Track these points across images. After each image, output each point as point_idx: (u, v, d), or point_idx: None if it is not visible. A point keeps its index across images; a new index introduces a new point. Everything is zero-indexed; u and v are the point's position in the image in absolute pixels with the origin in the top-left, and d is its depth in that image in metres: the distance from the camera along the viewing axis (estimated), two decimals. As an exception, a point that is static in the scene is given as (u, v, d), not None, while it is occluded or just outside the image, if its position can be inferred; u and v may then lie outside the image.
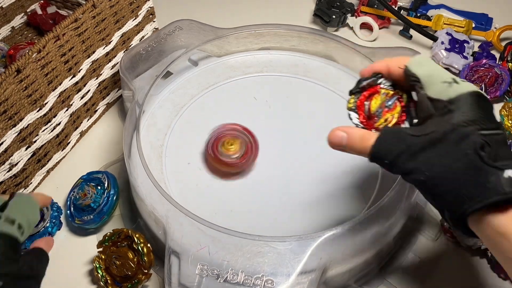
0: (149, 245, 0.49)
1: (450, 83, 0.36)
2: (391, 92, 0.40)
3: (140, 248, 0.48)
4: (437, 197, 0.34)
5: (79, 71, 0.60)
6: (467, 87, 0.36)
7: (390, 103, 0.40)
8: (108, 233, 0.50)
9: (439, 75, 0.36)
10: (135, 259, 0.48)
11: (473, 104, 0.34)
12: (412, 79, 0.37)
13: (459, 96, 0.35)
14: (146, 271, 0.48)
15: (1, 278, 0.36)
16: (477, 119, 0.34)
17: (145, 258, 0.48)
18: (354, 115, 0.40)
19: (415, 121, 0.39)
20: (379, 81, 0.40)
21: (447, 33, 0.72)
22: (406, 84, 0.39)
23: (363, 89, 0.41)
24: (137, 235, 0.49)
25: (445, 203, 0.34)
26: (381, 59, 0.41)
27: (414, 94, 0.40)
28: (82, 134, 0.65)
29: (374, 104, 0.40)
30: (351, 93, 0.41)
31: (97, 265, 0.50)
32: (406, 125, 0.39)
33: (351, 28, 0.79)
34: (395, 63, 0.39)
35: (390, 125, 0.39)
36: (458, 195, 0.32)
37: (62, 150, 0.62)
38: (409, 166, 0.34)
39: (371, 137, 0.37)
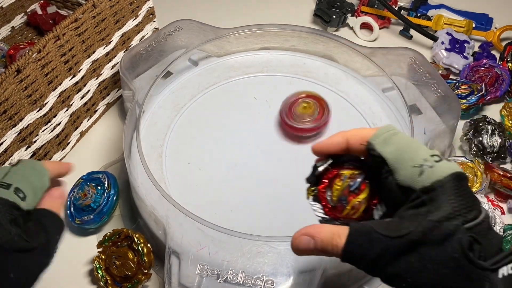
0: (149, 245, 0.49)
1: (422, 167, 0.30)
2: (356, 172, 0.33)
3: (140, 248, 0.48)
4: None
5: (79, 71, 0.60)
6: (444, 170, 0.29)
7: (355, 186, 0.33)
8: (108, 233, 0.50)
9: (410, 157, 0.30)
10: (135, 259, 0.48)
11: (452, 192, 0.29)
12: (377, 160, 0.31)
13: (434, 184, 0.29)
14: (146, 271, 0.48)
15: None
16: (459, 210, 0.28)
17: (145, 258, 0.48)
18: (317, 206, 0.34)
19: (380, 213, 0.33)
20: (340, 160, 0.33)
21: (448, 33, 0.72)
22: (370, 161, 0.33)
23: (320, 175, 0.34)
24: (137, 235, 0.49)
25: None
26: (339, 134, 0.34)
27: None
28: (82, 134, 0.65)
29: (336, 191, 0.33)
30: (308, 181, 0.35)
31: (97, 265, 0.50)
32: (379, 210, 0.33)
33: (351, 28, 0.79)
34: (355, 137, 0.33)
35: (358, 213, 0.33)
36: None
37: (62, 150, 0.62)
38: (388, 272, 0.29)
39: (342, 234, 0.30)
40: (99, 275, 0.49)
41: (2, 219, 0.33)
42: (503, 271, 0.27)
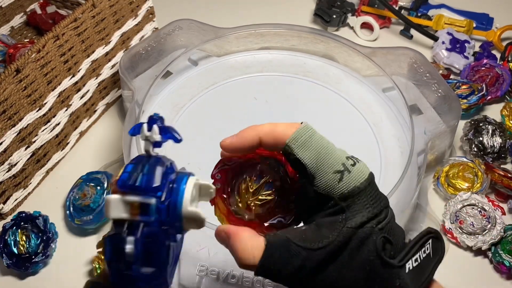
0: (148, 245, 0.48)
1: (342, 172, 0.29)
2: (266, 178, 0.31)
3: (139, 248, 0.48)
4: None
5: (78, 71, 0.60)
6: (360, 175, 0.29)
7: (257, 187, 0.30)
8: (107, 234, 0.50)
9: (329, 162, 0.29)
10: (134, 260, 0.48)
11: (367, 197, 0.29)
12: (294, 163, 0.30)
13: (353, 190, 0.29)
14: (145, 271, 0.48)
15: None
16: (374, 213, 0.29)
17: (145, 259, 0.48)
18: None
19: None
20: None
21: (448, 33, 0.72)
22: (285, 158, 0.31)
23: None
24: (136, 236, 0.49)
25: None
26: (251, 129, 0.32)
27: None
28: (81, 134, 0.65)
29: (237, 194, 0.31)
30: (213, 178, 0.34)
31: (97, 265, 0.49)
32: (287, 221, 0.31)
33: (352, 28, 0.79)
34: (269, 136, 0.31)
35: (253, 215, 0.31)
36: None
37: (61, 150, 0.62)
38: (307, 284, 0.28)
39: (259, 248, 0.29)
40: (99, 276, 0.49)
41: None
42: (409, 265, 0.28)
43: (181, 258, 0.46)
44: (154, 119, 0.31)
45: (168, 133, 0.32)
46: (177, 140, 0.32)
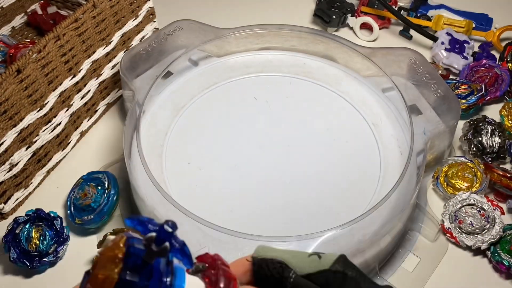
0: (149, 245, 0.49)
1: (318, 254, 0.29)
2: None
3: (140, 248, 0.48)
4: None
5: (79, 71, 0.60)
6: (329, 257, 0.29)
7: None
8: (109, 233, 0.51)
9: (297, 253, 0.30)
10: (135, 259, 0.48)
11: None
12: (276, 267, 0.29)
13: (332, 267, 0.28)
14: (146, 271, 0.48)
15: None
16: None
17: (145, 258, 0.48)
18: None
19: None
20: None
21: (447, 33, 0.72)
22: None
23: None
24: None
25: None
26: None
27: None
28: (82, 134, 0.65)
29: None
30: None
31: (97, 265, 0.50)
32: None
33: (351, 29, 0.79)
34: (237, 270, 0.30)
35: None
36: None
37: (62, 150, 0.62)
38: None
39: None
40: (99, 275, 0.49)
41: None
42: None
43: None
44: (167, 234, 0.24)
45: (182, 257, 0.26)
46: (188, 265, 0.26)
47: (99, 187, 0.55)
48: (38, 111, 0.55)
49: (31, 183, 0.59)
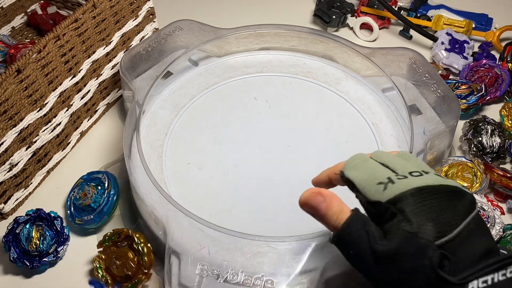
0: (149, 245, 0.49)
1: (385, 183, 0.33)
2: None
3: (140, 248, 0.48)
4: None
5: (79, 71, 0.60)
6: (407, 184, 0.32)
7: None
8: (108, 233, 0.51)
9: (375, 177, 0.34)
10: (135, 259, 0.48)
11: (416, 207, 0.31)
12: (349, 184, 0.36)
13: (398, 196, 0.32)
14: (146, 271, 0.48)
15: None
16: (427, 225, 0.30)
17: (145, 258, 0.48)
18: None
19: None
20: None
21: (447, 34, 0.72)
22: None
23: None
24: (137, 235, 0.49)
25: None
26: (324, 172, 0.39)
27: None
28: (82, 134, 0.65)
29: None
30: None
31: (98, 265, 0.50)
32: None
33: (351, 29, 0.79)
34: (334, 170, 0.38)
35: None
36: None
37: (62, 150, 0.62)
38: (372, 276, 0.31)
39: (346, 213, 0.33)
40: (100, 275, 0.49)
41: None
42: (472, 285, 0.28)
43: (181, 258, 0.46)
44: None
45: None
46: None
47: (99, 187, 0.55)
48: (38, 111, 0.55)
49: (31, 183, 0.59)
